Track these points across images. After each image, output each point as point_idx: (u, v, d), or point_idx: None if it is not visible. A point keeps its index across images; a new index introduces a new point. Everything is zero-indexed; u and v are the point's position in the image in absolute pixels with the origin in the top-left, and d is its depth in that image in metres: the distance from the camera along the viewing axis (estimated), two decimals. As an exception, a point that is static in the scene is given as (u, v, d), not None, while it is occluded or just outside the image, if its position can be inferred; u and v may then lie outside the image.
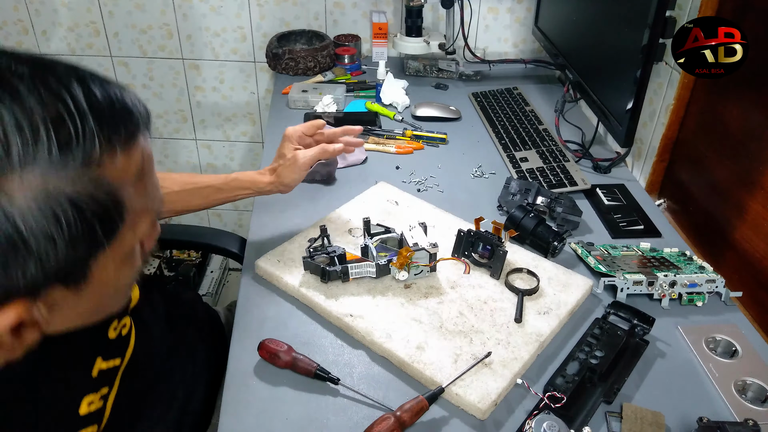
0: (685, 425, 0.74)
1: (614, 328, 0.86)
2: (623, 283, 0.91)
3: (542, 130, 1.36)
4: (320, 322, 0.87)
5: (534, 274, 0.93)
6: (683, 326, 0.89)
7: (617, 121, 1.10)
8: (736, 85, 1.02)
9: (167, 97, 1.88)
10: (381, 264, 0.90)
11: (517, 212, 1.03)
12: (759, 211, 0.97)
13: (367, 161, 1.27)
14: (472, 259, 0.96)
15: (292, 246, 0.98)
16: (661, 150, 1.21)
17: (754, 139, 0.99)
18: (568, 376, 0.79)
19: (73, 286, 0.50)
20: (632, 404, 0.74)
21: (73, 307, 0.54)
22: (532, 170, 1.22)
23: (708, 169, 1.11)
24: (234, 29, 1.75)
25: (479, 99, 1.53)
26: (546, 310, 0.88)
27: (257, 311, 0.89)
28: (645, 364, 0.83)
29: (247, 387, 0.77)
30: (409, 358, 0.79)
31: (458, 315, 0.86)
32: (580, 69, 1.32)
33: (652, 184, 1.25)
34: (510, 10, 1.71)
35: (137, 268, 0.59)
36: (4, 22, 1.76)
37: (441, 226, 1.04)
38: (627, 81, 1.04)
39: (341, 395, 0.77)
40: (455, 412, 0.75)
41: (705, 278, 0.91)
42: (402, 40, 1.63)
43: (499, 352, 0.80)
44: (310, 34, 1.70)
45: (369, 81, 1.60)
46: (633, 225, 1.10)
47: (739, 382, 0.80)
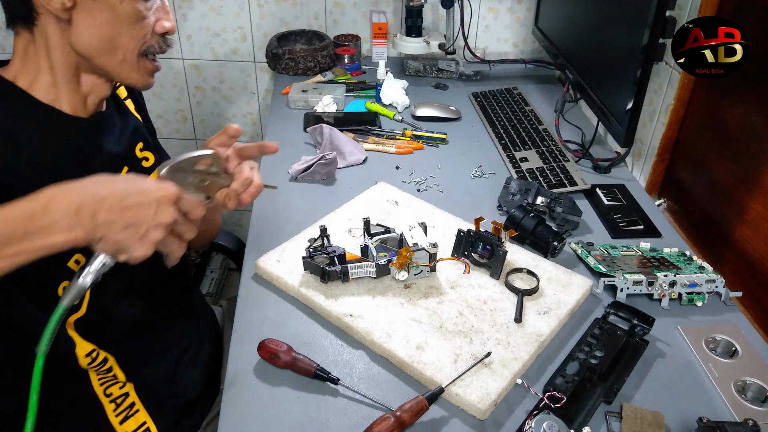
0: (685, 425, 0.74)
1: (614, 328, 0.86)
2: (623, 283, 0.91)
3: (542, 130, 1.36)
4: (320, 322, 0.87)
5: (534, 274, 0.93)
6: (683, 326, 0.89)
7: (617, 121, 1.10)
8: (736, 85, 1.02)
9: (167, 97, 1.88)
10: (381, 264, 0.90)
11: (517, 212, 1.03)
12: (759, 211, 0.97)
13: (367, 161, 1.27)
14: (472, 259, 0.96)
15: (292, 246, 0.98)
16: (661, 150, 1.21)
17: (754, 139, 0.99)
18: (568, 376, 0.79)
19: None
20: (632, 404, 0.74)
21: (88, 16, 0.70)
22: (532, 170, 1.22)
23: (708, 169, 1.11)
24: (234, 29, 1.75)
25: (479, 99, 1.53)
26: (546, 310, 0.88)
27: (257, 311, 0.89)
28: (645, 364, 0.83)
29: (247, 387, 0.77)
30: (409, 358, 0.79)
31: (458, 315, 0.86)
32: (580, 69, 1.32)
33: (652, 184, 1.25)
34: (510, 10, 1.71)
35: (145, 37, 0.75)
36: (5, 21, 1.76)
37: (441, 226, 1.04)
38: (627, 81, 1.04)
39: (341, 395, 0.77)
40: (455, 412, 0.75)
41: (705, 278, 0.91)
42: (402, 40, 1.63)
43: (499, 352, 0.80)
44: (310, 34, 1.70)
45: (369, 81, 1.60)
46: (633, 225, 1.10)
47: (739, 382, 0.80)
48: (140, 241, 0.62)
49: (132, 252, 0.62)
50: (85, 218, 0.58)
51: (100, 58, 0.75)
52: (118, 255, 0.63)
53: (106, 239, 0.60)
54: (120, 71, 0.77)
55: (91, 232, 0.59)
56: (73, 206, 0.58)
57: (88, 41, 0.73)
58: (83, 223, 0.58)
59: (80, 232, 0.58)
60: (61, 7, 0.69)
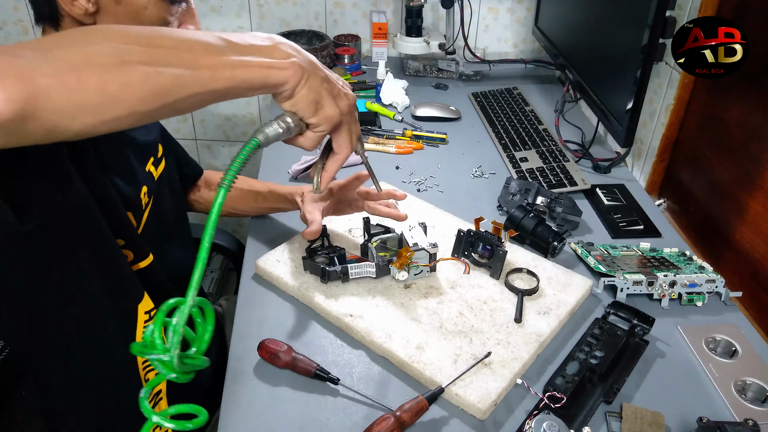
0: (685, 425, 0.74)
1: (614, 328, 0.86)
2: (623, 283, 0.91)
3: (542, 130, 1.36)
4: (320, 322, 0.87)
5: (534, 274, 0.93)
6: (683, 326, 0.89)
7: (617, 121, 1.10)
8: (736, 85, 1.02)
9: (167, 97, 1.87)
10: (381, 264, 0.90)
11: (517, 212, 1.03)
12: (759, 211, 0.97)
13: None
14: (472, 259, 0.96)
15: (292, 246, 0.98)
16: (661, 150, 1.21)
17: (754, 139, 0.99)
18: (568, 376, 0.78)
19: None
20: (632, 404, 0.74)
21: (112, 19, 0.70)
22: (532, 170, 1.22)
23: (708, 169, 1.11)
24: (234, 29, 1.75)
25: (479, 99, 1.53)
26: (546, 310, 0.88)
27: (257, 311, 0.89)
28: (645, 364, 0.83)
29: (247, 387, 0.77)
30: (409, 358, 0.79)
31: (458, 315, 0.86)
32: (580, 69, 1.32)
33: (652, 184, 1.25)
34: (510, 10, 1.71)
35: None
36: (4, 22, 1.76)
37: (441, 226, 1.04)
38: (627, 81, 1.04)
39: (341, 395, 0.77)
40: (455, 412, 0.75)
41: (705, 278, 0.91)
42: (402, 40, 1.63)
43: (499, 352, 0.80)
44: (310, 34, 1.70)
45: (369, 81, 1.60)
46: (633, 225, 1.10)
47: (739, 382, 0.80)
48: (333, 99, 0.64)
49: (324, 109, 0.64)
50: (300, 57, 0.61)
51: None
52: (309, 110, 0.64)
53: (310, 85, 0.62)
54: None
55: (302, 68, 0.61)
56: (286, 47, 0.61)
57: None
58: (298, 59, 0.61)
59: (296, 67, 0.60)
60: (84, 13, 0.70)
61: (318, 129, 0.65)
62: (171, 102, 0.52)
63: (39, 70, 0.45)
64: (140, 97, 0.50)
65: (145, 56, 0.50)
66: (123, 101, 0.49)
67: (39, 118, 0.45)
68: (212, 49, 0.55)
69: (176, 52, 0.52)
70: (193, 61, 0.53)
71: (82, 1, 0.69)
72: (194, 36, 0.55)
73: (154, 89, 0.50)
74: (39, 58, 0.45)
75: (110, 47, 0.49)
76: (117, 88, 0.48)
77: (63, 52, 0.47)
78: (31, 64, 0.45)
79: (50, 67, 0.45)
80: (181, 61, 0.52)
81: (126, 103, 0.49)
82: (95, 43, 0.49)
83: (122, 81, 0.49)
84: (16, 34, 1.78)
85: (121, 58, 0.49)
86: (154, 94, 0.51)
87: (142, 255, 0.82)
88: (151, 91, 0.50)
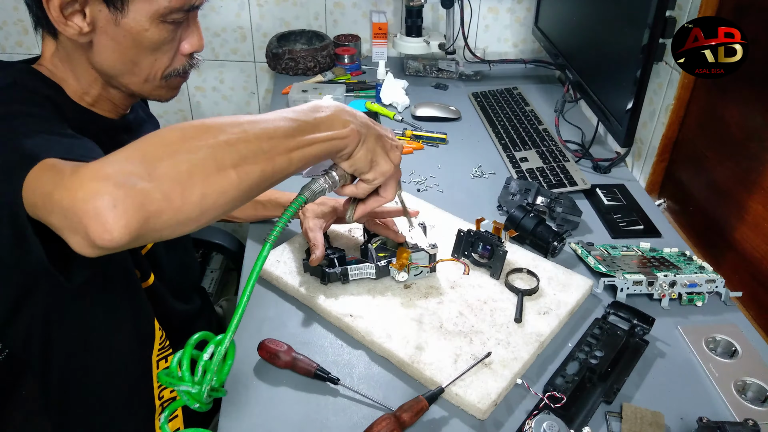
0: (685, 425, 0.74)
1: (614, 328, 0.86)
2: (623, 283, 0.91)
3: (542, 130, 1.36)
4: (320, 322, 0.87)
5: (534, 274, 0.93)
6: (683, 326, 0.89)
7: (617, 121, 1.10)
8: (736, 85, 1.02)
9: (167, 97, 1.88)
10: (380, 265, 0.90)
11: (517, 212, 1.03)
12: (759, 211, 0.97)
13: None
14: (472, 259, 0.96)
15: (292, 246, 0.98)
16: (661, 150, 1.21)
17: (754, 139, 0.99)
18: (567, 376, 0.78)
19: (113, 9, 0.66)
20: (632, 404, 0.74)
21: (110, 39, 0.69)
22: (532, 170, 1.22)
23: (708, 169, 1.11)
24: (234, 29, 1.75)
25: (479, 99, 1.53)
26: (546, 310, 0.88)
27: (257, 311, 0.89)
28: (645, 364, 0.83)
29: (247, 387, 0.77)
30: (409, 358, 0.79)
31: (458, 315, 0.86)
32: (580, 69, 1.32)
33: (652, 184, 1.25)
34: (510, 10, 1.71)
35: (170, 60, 0.75)
36: (4, 22, 1.76)
37: (441, 226, 1.04)
38: (627, 81, 1.04)
39: (341, 395, 0.77)
40: (455, 412, 0.75)
41: (705, 278, 0.91)
42: (402, 40, 1.63)
43: (499, 352, 0.80)
44: (310, 34, 1.70)
45: (369, 81, 1.60)
46: (633, 225, 1.10)
47: (739, 382, 0.80)
48: (386, 154, 0.68)
49: (380, 165, 0.67)
50: (356, 122, 0.65)
51: (123, 78, 0.74)
52: (366, 168, 0.67)
53: (367, 146, 0.66)
54: (142, 89, 0.77)
55: (359, 133, 0.64)
56: (344, 114, 0.65)
57: (111, 63, 0.72)
58: (355, 125, 0.64)
59: (354, 133, 0.64)
60: (78, 32, 0.68)
61: (373, 182, 0.68)
62: (253, 195, 0.55)
63: (151, 196, 0.47)
64: (230, 199, 0.52)
65: (235, 157, 0.52)
66: (217, 208, 0.52)
67: (145, 237, 0.47)
68: (288, 133, 0.57)
69: (259, 145, 0.55)
70: (273, 149, 0.55)
71: (77, 21, 0.67)
72: (272, 124, 0.57)
73: (243, 190, 0.53)
74: (147, 179, 0.47)
75: (205, 153, 0.51)
76: (214, 198, 0.51)
77: (168, 168, 0.48)
78: (144, 189, 0.46)
79: (160, 190, 0.47)
80: (263, 154, 0.55)
81: (219, 210, 0.52)
82: (193, 152, 0.50)
83: (218, 190, 0.51)
84: (16, 34, 1.78)
85: (217, 164, 0.51)
86: (243, 193, 0.53)
87: (146, 275, 0.83)
88: (240, 192, 0.53)
